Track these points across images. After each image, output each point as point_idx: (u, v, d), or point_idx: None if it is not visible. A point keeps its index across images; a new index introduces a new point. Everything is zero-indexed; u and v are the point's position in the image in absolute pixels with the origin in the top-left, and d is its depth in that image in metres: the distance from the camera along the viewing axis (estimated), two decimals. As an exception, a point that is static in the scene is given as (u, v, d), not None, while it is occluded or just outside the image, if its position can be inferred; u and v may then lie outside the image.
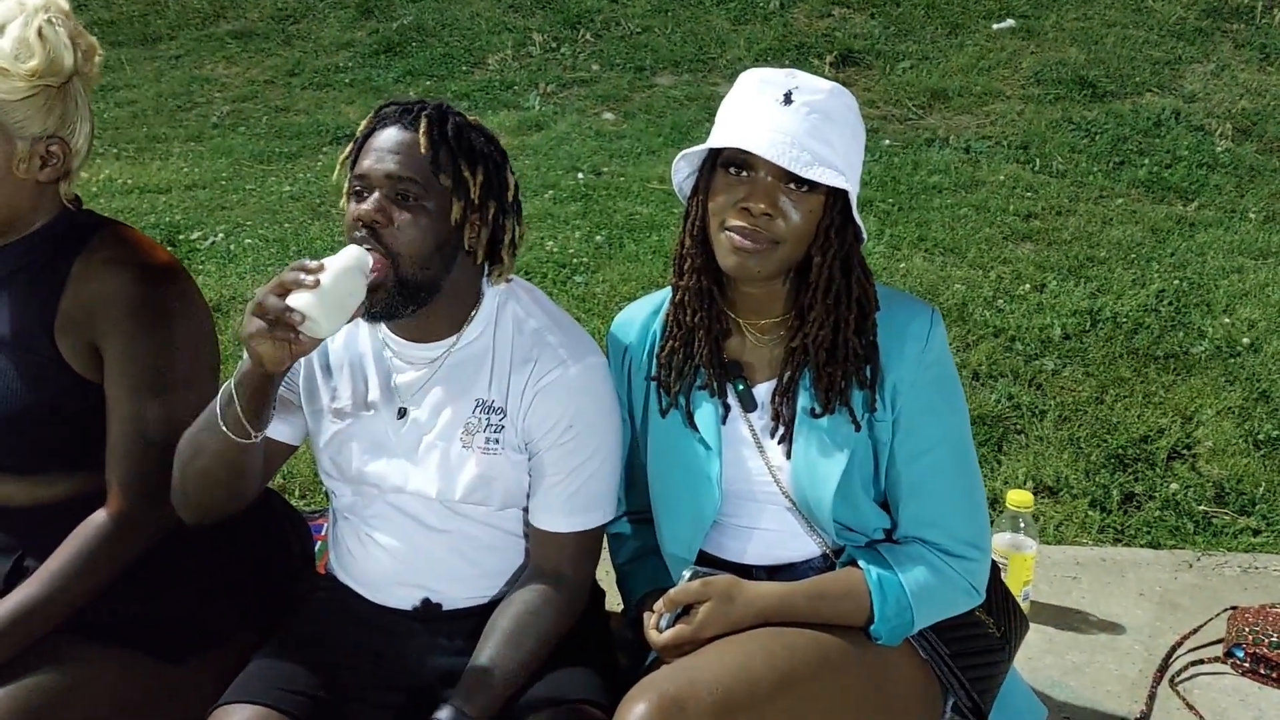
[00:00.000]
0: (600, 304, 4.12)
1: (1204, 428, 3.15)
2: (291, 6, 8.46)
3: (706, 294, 1.48)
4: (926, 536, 1.47)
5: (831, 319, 1.42)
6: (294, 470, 2.97)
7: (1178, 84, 6.41)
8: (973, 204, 5.05)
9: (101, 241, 1.51)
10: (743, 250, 1.37)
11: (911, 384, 1.44)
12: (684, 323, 1.50)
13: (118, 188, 5.64)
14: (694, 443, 1.51)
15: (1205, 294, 4.06)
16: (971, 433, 1.54)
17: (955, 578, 1.45)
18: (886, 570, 1.44)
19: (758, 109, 1.39)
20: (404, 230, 1.36)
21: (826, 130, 1.37)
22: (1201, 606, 2.29)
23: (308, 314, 1.21)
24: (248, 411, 1.31)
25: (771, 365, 1.51)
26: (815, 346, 1.43)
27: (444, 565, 1.54)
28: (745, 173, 1.38)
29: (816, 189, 1.37)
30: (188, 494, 1.41)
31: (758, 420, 1.51)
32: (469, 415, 1.48)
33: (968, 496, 1.49)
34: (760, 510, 1.52)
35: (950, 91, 6.42)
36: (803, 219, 1.38)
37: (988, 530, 1.52)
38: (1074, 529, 2.72)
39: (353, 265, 1.28)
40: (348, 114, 6.74)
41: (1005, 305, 4.00)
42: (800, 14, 7.61)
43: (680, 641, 1.40)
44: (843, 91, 1.41)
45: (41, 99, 1.42)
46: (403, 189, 1.37)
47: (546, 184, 5.44)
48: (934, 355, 1.46)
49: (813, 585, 1.45)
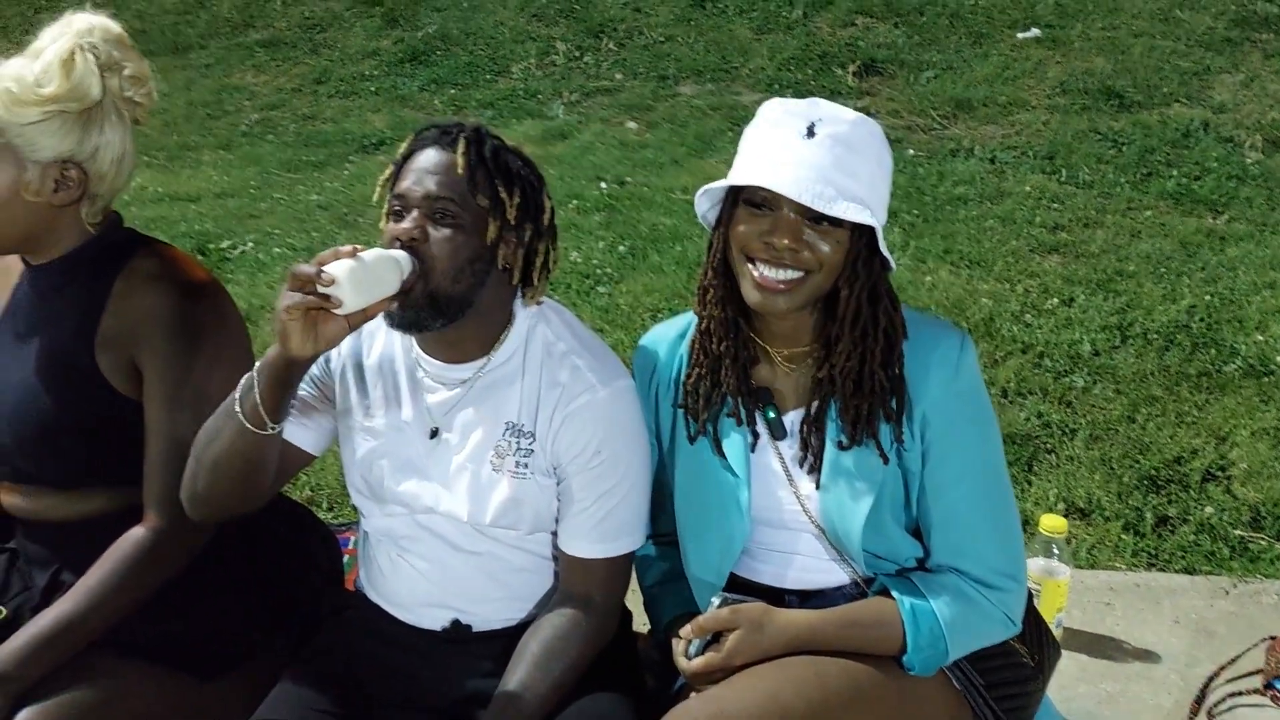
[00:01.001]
0: (624, 315, 4.11)
1: (1238, 449, 3.11)
2: (319, 16, 8.51)
3: (732, 324, 1.47)
4: (960, 566, 1.45)
5: (859, 351, 1.40)
6: (322, 483, 2.98)
7: (1206, 95, 6.35)
8: (998, 215, 5.02)
9: (142, 259, 1.53)
10: (767, 289, 1.37)
11: (941, 413, 1.42)
12: (710, 351, 1.48)
13: (149, 196, 5.69)
14: (722, 471, 1.50)
15: (1237, 310, 4.01)
16: (1005, 459, 1.51)
17: (990, 608, 1.43)
18: (920, 599, 1.42)
19: (780, 143, 1.37)
20: (439, 245, 1.37)
21: (851, 162, 1.35)
22: (1239, 635, 2.25)
23: (337, 277, 1.22)
24: (266, 401, 1.30)
25: (799, 394, 1.49)
26: (842, 378, 1.42)
27: (474, 587, 1.54)
28: (767, 209, 1.37)
29: (842, 223, 1.36)
30: (197, 485, 1.41)
31: (787, 449, 1.49)
32: (499, 438, 1.48)
33: (1001, 526, 1.47)
34: (794, 538, 1.51)
35: (975, 101, 6.39)
36: (832, 250, 1.37)
37: (1023, 560, 1.50)
38: (1107, 553, 2.69)
39: (392, 256, 1.32)
40: (373, 122, 6.78)
41: (1033, 320, 3.97)
42: (823, 23, 7.59)
43: (710, 669, 1.39)
44: (866, 121, 1.39)
45: (57, 124, 1.42)
46: (440, 208, 1.38)
47: (570, 194, 5.44)
48: (964, 383, 1.43)
49: (844, 613, 1.43)
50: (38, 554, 1.59)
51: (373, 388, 1.53)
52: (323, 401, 1.55)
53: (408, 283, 1.34)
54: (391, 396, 1.52)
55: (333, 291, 1.22)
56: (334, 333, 1.26)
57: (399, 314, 1.38)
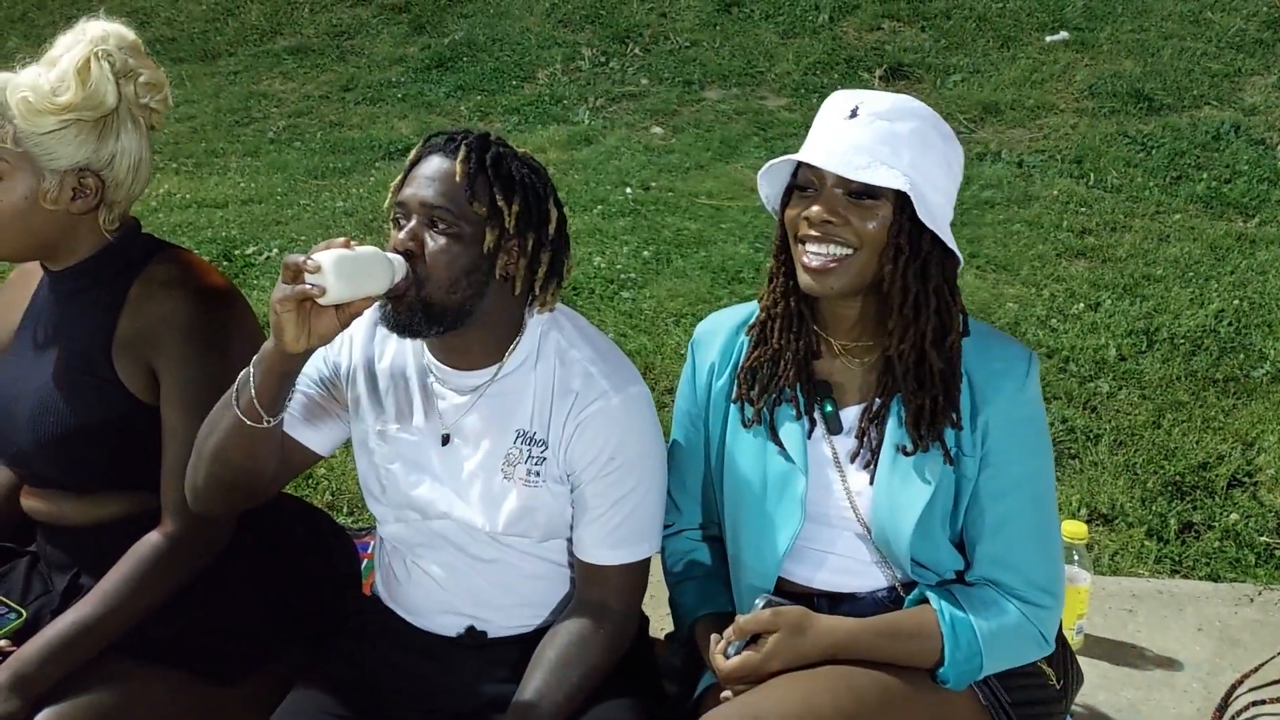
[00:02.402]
0: (648, 320, 4.12)
1: (1265, 455, 3.06)
2: (346, 23, 8.60)
3: (795, 315, 1.49)
4: (1001, 579, 1.44)
5: (911, 332, 1.40)
6: (343, 487, 3.00)
7: (1237, 96, 6.27)
8: (1025, 220, 4.98)
9: (159, 265, 1.54)
10: (814, 270, 1.38)
11: (1004, 422, 1.42)
12: (771, 342, 1.50)
13: (176, 202, 5.76)
14: (778, 458, 1.49)
15: (1266, 314, 3.96)
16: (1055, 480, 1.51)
17: (1027, 625, 1.42)
18: (960, 612, 1.40)
19: (824, 127, 1.42)
20: (434, 256, 1.37)
21: (894, 137, 1.37)
22: (1263, 643, 2.22)
23: (323, 265, 1.22)
24: (261, 394, 1.31)
25: (862, 390, 1.49)
26: (901, 365, 1.41)
27: (489, 594, 1.54)
28: (812, 190, 1.40)
29: (878, 194, 1.36)
30: (198, 477, 1.42)
31: (841, 444, 1.49)
32: (510, 446, 1.48)
33: (1046, 542, 1.46)
34: (835, 536, 1.50)
35: (1002, 105, 6.34)
36: (875, 226, 1.37)
37: (1063, 579, 1.49)
38: (1130, 559, 2.66)
39: (385, 256, 1.32)
40: (400, 129, 6.83)
41: (1059, 325, 3.94)
42: (849, 27, 7.56)
43: (746, 670, 1.38)
44: (910, 100, 1.41)
45: (73, 132, 1.44)
46: (436, 215, 1.38)
47: (595, 199, 5.45)
48: (1028, 396, 1.44)
49: (885, 623, 1.42)
50: (57, 558, 1.61)
51: (385, 393, 1.54)
52: (331, 404, 1.56)
53: (399, 287, 1.35)
54: (404, 402, 1.53)
55: (316, 279, 1.22)
56: (326, 328, 1.26)
57: (392, 316, 1.38)
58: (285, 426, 1.48)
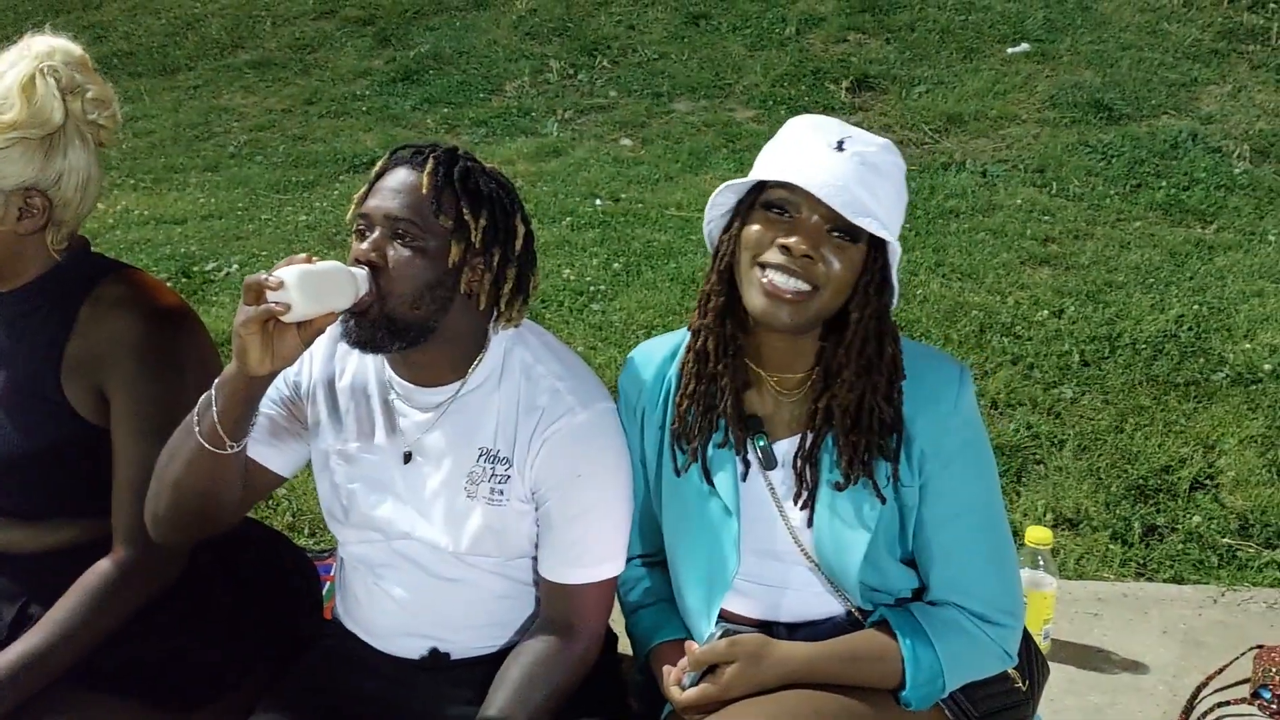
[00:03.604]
0: (617, 332, 4.11)
1: (1226, 457, 3.10)
2: (309, 36, 8.55)
3: (730, 340, 1.42)
4: (961, 602, 1.42)
5: (861, 382, 1.37)
6: (304, 508, 2.96)
7: (1194, 106, 6.37)
8: (989, 228, 5.02)
9: (109, 285, 1.51)
10: (775, 297, 1.32)
11: (938, 448, 1.39)
12: (704, 373, 1.44)
13: (134, 219, 5.69)
14: (712, 501, 1.46)
15: (1225, 319, 4.02)
16: (1001, 492, 1.49)
17: (989, 644, 1.41)
18: (920, 634, 1.38)
19: (808, 151, 1.34)
20: (398, 269, 1.35)
21: (875, 183, 1.33)
22: (1227, 644, 2.23)
23: (286, 281, 1.20)
24: (224, 418, 1.29)
25: (792, 424, 1.45)
26: (840, 411, 1.38)
27: (453, 615, 1.52)
28: (788, 214, 1.34)
29: (858, 240, 1.33)
30: (160, 506, 1.39)
31: (778, 480, 1.46)
32: (473, 464, 1.46)
33: (999, 562, 1.44)
34: (787, 570, 1.48)
35: (966, 115, 6.41)
36: (844, 268, 1.33)
37: (1021, 595, 1.47)
38: (1095, 563, 2.68)
39: (348, 270, 1.30)
40: (365, 142, 6.79)
41: (1023, 331, 3.97)
42: (816, 40, 7.62)
43: (705, 702, 1.36)
44: (893, 150, 1.38)
45: (18, 151, 1.40)
46: (401, 228, 1.35)
47: (564, 211, 5.44)
48: (962, 418, 1.40)
49: (843, 647, 1.40)
50: (5, 588, 1.56)
51: (345, 411, 1.52)
52: (292, 422, 1.54)
53: (363, 302, 1.33)
54: (364, 420, 1.51)
55: (279, 297, 1.20)
56: (290, 349, 1.24)
57: (354, 331, 1.36)
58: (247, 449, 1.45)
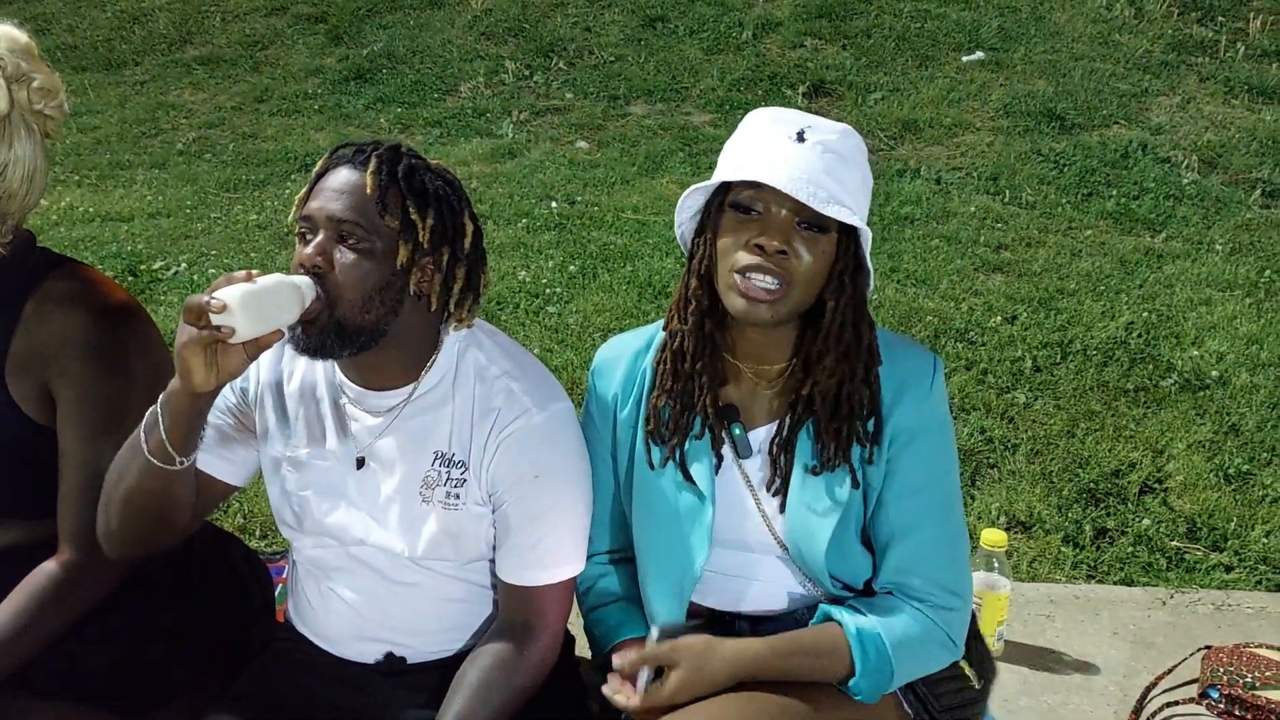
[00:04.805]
0: (573, 335, 4.09)
1: (1175, 461, 3.16)
2: (260, 33, 8.41)
3: (709, 339, 1.43)
4: (906, 583, 1.43)
5: (841, 368, 1.38)
6: (255, 510, 2.91)
7: (1144, 116, 6.50)
8: (944, 235, 5.08)
9: (56, 280, 1.47)
10: (754, 299, 1.33)
11: (909, 429, 1.41)
12: (682, 371, 1.44)
13: (79, 216, 5.55)
14: (687, 492, 1.46)
15: (1174, 326, 4.10)
16: (960, 484, 1.50)
17: (935, 630, 1.42)
18: (866, 624, 1.39)
19: (770, 145, 1.34)
20: (345, 273, 1.32)
21: (840, 170, 1.33)
22: (1175, 645, 2.27)
23: (229, 304, 1.16)
24: (172, 435, 1.26)
25: (770, 412, 1.46)
26: (821, 397, 1.39)
27: (409, 619, 1.49)
28: (756, 211, 1.33)
29: (829, 230, 1.33)
30: (111, 522, 1.36)
31: (752, 468, 1.46)
32: (427, 468, 1.44)
33: (952, 545, 1.45)
34: (756, 561, 1.48)
35: (921, 123, 6.47)
36: (816, 260, 1.34)
37: (970, 580, 1.49)
38: (1047, 565, 2.71)
39: (292, 283, 1.26)
40: (317, 141, 6.69)
41: (977, 337, 4.01)
42: (773, 45, 7.65)
43: (653, 705, 1.35)
44: (854, 134, 1.38)
45: None
46: (346, 230, 1.32)
47: (520, 213, 5.41)
48: (934, 402, 1.42)
49: (792, 641, 1.40)
50: None
51: (295, 416, 1.48)
52: (242, 431, 1.50)
53: (310, 311, 1.29)
54: (315, 425, 1.48)
55: (223, 320, 1.17)
56: (235, 364, 1.22)
57: (303, 339, 1.32)
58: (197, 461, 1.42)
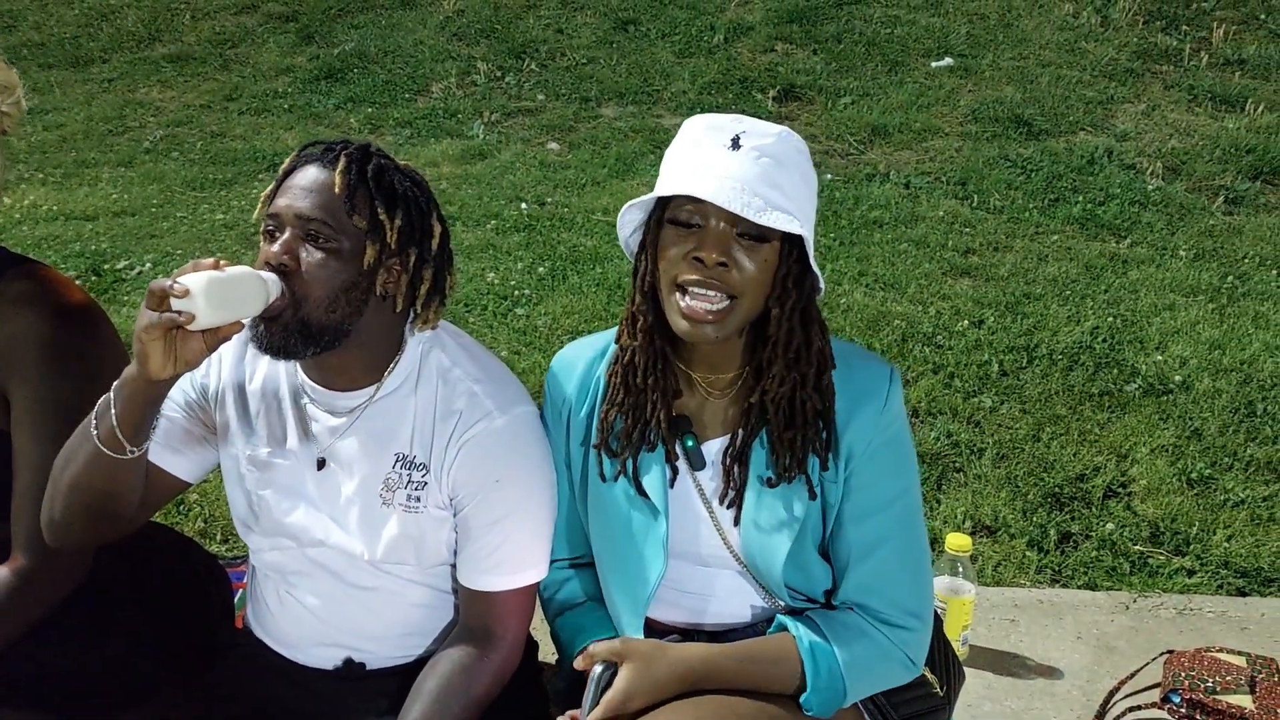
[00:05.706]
0: (542, 337, 4.07)
1: (1138, 466, 3.19)
2: (230, 31, 8.33)
3: (660, 354, 1.41)
4: (866, 603, 1.41)
5: (791, 375, 1.36)
6: (216, 514, 2.87)
7: (1110, 123, 6.57)
8: (912, 239, 5.11)
9: (13, 280, 1.44)
10: (698, 320, 1.31)
11: (866, 445, 1.39)
12: (633, 385, 1.42)
13: (42, 214, 5.47)
14: (641, 506, 1.44)
15: (1138, 331, 4.14)
16: (922, 497, 1.49)
17: (892, 649, 1.40)
18: (819, 639, 1.38)
19: (704, 155, 1.32)
20: (311, 272, 1.30)
21: (777, 175, 1.31)
22: (1138, 649, 2.30)
23: (192, 290, 1.15)
24: (124, 422, 1.24)
25: (724, 423, 1.44)
26: (774, 405, 1.37)
27: (368, 624, 1.48)
28: (694, 225, 1.31)
29: (770, 237, 1.31)
30: (55, 510, 1.34)
31: (706, 480, 1.44)
32: (388, 470, 1.42)
33: (913, 564, 1.43)
34: (713, 576, 1.46)
35: (890, 128, 6.51)
36: (758, 269, 1.31)
37: (931, 600, 1.47)
38: (1012, 569, 2.73)
39: (258, 276, 1.25)
40: (286, 140, 6.63)
41: (944, 341, 4.04)
42: (743, 49, 7.68)
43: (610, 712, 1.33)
44: (792, 135, 1.36)
45: None
46: (313, 229, 1.31)
47: (489, 214, 5.39)
48: (890, 417, 1.40)
49: (744, 649, 1.39)
50: None
51: (256, 416, 1.47)
52: (198, 426, 1.48)
53: (275, 307, 1.28)
54: (276, 425, 1.46)
55: (185, 305, 1.15)
56: (194, 353, 1.20)
57: (265, 338, 1.31)
58: (150, 454, 1.40)
